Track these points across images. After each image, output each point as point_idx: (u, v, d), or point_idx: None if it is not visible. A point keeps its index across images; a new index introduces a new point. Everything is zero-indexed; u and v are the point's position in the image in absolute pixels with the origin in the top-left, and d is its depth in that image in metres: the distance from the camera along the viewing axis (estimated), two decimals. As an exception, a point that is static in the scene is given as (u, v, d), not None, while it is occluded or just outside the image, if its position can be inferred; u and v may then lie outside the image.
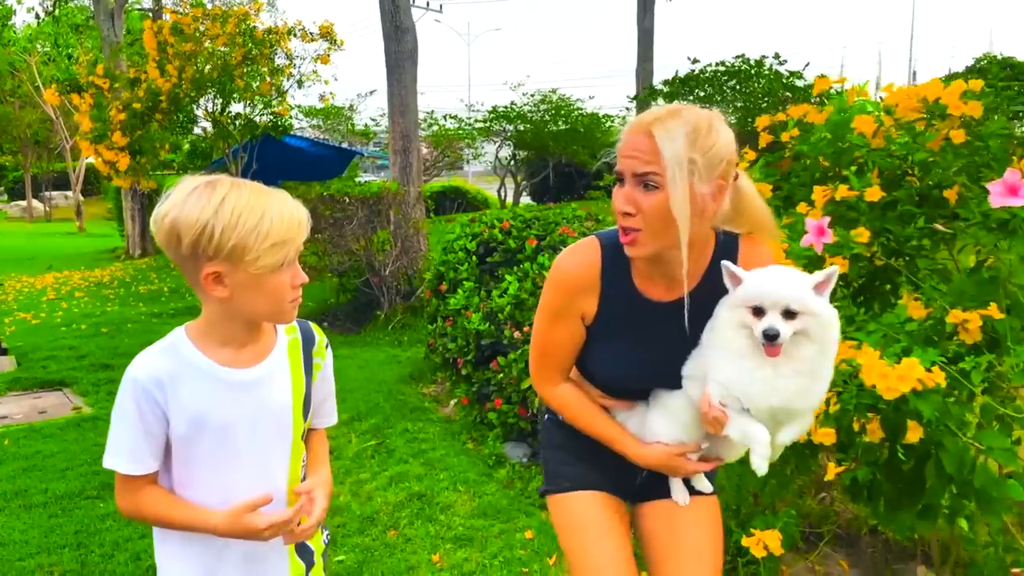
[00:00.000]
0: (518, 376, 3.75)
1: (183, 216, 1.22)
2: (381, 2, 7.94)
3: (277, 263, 1.26)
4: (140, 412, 1.28)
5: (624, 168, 1.39)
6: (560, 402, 1.64)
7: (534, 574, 2.81)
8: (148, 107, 10.19)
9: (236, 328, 1.33)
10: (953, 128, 2.00)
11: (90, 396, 5.29)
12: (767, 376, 1.35)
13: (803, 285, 1.32)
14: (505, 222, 4.91)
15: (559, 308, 1.55)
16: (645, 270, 1.51)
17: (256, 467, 1.38)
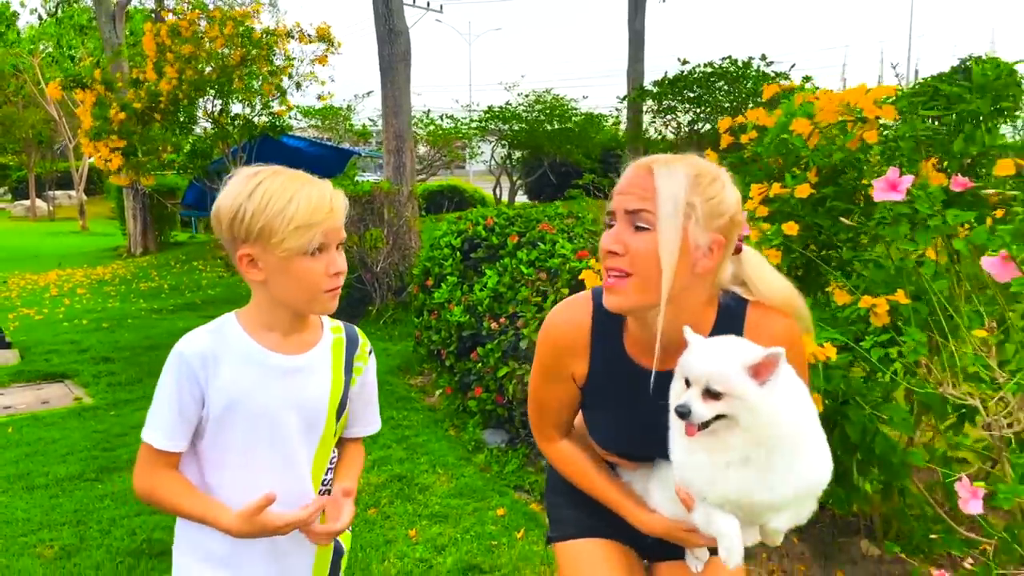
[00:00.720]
0: (495, 365, 3.95)
1: (223, 202, 1.28)
2: (375, 6, 8.13)
3: (301, 247, 1.26)
4: (179, 389, 1.30)
5: (616, 206, 1.26)
6: (558, 460, 1.54)
7: (502, 546, 3.00)
8: (148, 107, 10.40)
9: (280, 314, 1.35)
10: (871, 131, 2.19)
11: (90, 387, 5.49)
12: (702, 464, 1.22)
13: (732, 364, 1.16)
14: (489, 219, 5.09)
15: (549, 367, 1.46)
16: (636, 333, 1.38)
17: (283, 456, 1.37)
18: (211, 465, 1.36)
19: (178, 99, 10.49)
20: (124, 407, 5.00)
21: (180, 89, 10.29)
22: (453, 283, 4.70)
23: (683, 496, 1.28)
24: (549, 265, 4.00)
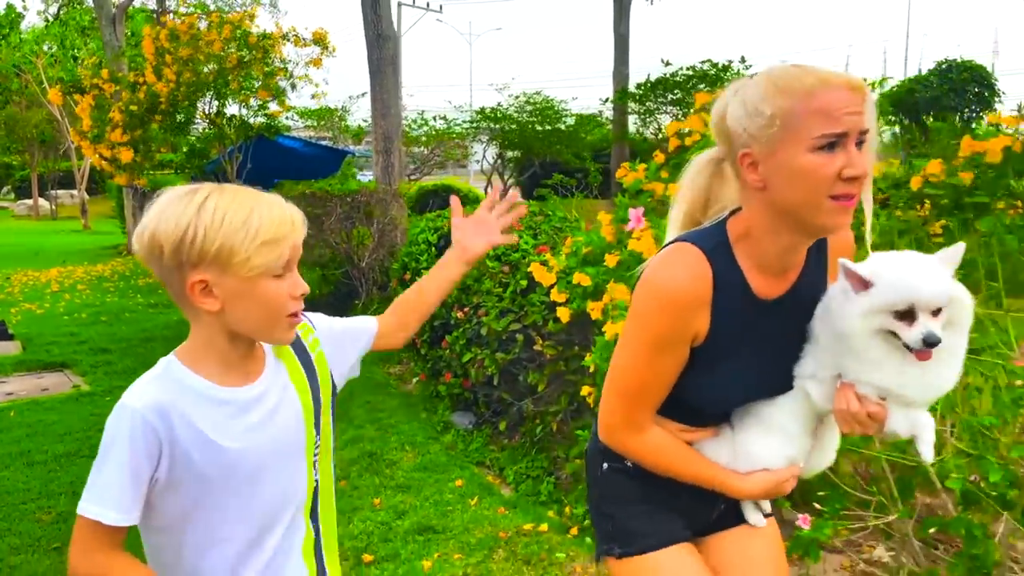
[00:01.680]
0: (460, 352, 4.26)
1: (163, 224, 1.12)
2: (364, 13, 8.45)
3: (270, 264, 1.14)
4: (133, 449, 1.12)
5: (851, 126, 1.18)
6: (654, 452, 1.42)
7: (456, 511, 3.32)
8: (147, 109, 10.72)
9: (231, 345, 1.20)
10: None
11: (88, 375, 5.81)
12: (915, 376, 1.23)
13: (945, 275, 1.19)
14: (464, 217, 5.41)
15: (668, 335, 1.33)
16: (760, 266, 1.33)
17: (272, 490, 1.25)
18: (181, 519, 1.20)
19: (176, 100, 10.83)
20: (119, 392, 5.20)
21: (178, 91, 10.62)
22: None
23: (872, 409, 1.25)
24: (511, 259, 4.31)
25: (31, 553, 3.08)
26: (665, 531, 1.46)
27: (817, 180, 1.18)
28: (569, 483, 3.43)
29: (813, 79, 1.19)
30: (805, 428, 1.39)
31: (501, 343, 3.93)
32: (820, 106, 1.17)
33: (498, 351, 3.92)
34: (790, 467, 1.39)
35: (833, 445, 1.45)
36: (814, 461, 1.44)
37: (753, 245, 1.30)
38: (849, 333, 1.23)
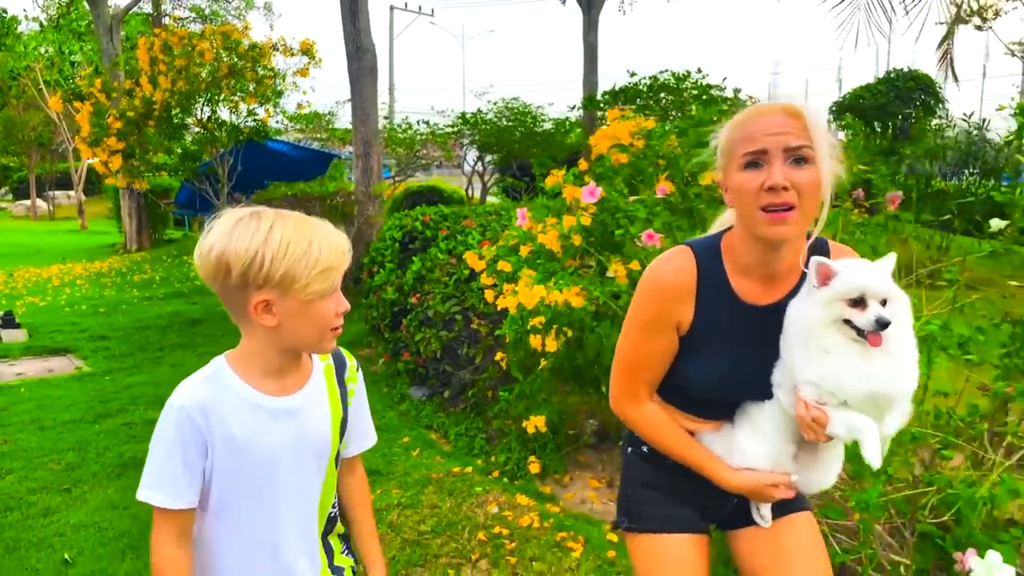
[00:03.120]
0: (413, 332, 4.92)
1: (231, 247, 1.23)
2: (344, 26, 9.09)
3: (327, 289, 1.27)
4: (182, 441, 1.26)
5: (773, 144, 1.34)
6: (647, 423, 1.56)
7: (400, 460, 3.97)
8: (142, 115, 11.35)
9: (280, 357, 1.33)
10: (621, 154, 3.16)
11: (89, 359, 6.46)
12: (856, 365, 1.33)
13: (887, 273, 1.34)
14: (427, 216, 6.06)
15: (655, 319, 1.49)
16: (743, 271, 1.47)
17: (297, 495, 1.37)
18: (213, 517, 1.33)
19: (170, 107, 11.46)
20: (117, 373, 5.97)
21: (172, 98, 11.26)
22: (390, 268, 5.66)
23: (815, 414, 1.35)
24: (458, 251, 4.97)
25: (45, 494, 3.73)
26: (669, 517, 1.59)
27: (744, 194, 1.36)
28: (496, 437, 4.09)
29: (751, 110, 1.42)
30: (782, 432, 1.47)
31: (445, 323, 4.59)
32: (745, 132, 1.37)
33: (442, 330, 4.59)
34: (775, 474, 1.48)
35: (833, 466, 1.52)
36: (814, 479, 1.50)
37: (735, 253, 1.46)
38: (809, 325, 1.36)
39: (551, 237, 3.36)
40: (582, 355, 2.83)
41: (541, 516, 3.26)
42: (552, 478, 3.72)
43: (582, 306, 2.80)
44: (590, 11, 12.37)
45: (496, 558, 2.95)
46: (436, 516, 3.31)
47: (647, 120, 3.34)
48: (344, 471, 1.52)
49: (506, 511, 3.33)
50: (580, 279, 2.87)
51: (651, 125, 3.25)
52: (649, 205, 2.82)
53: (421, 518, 3.30)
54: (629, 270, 2.90)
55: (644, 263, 2.82)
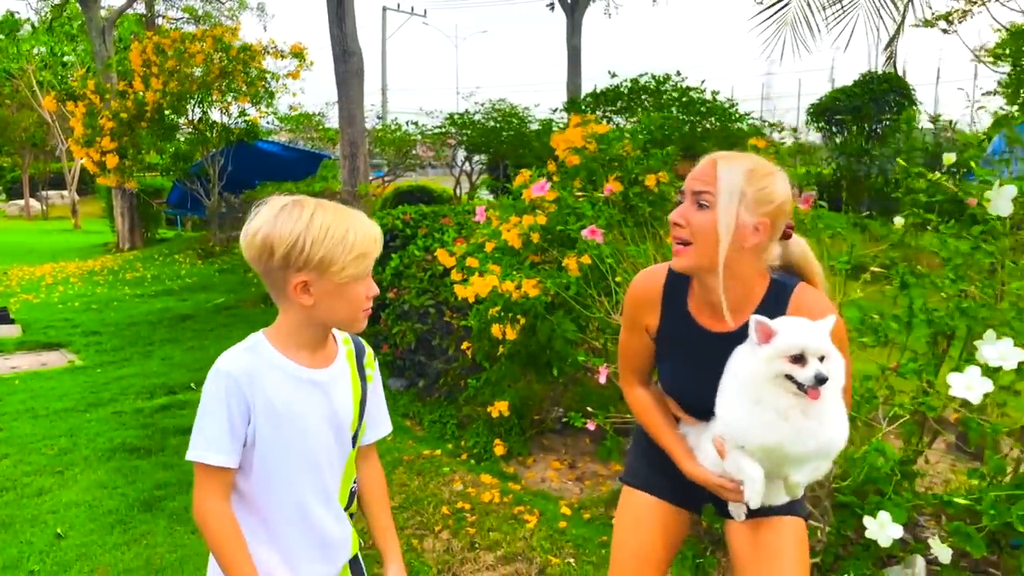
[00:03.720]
0: (391, 325, 5.16)
1: (276, 231, 1.33)
2: (331, 30, 9.31)
3: (361, 273, 1.37)
4: (228, 405, 1.35)
5: (686, 187, 1.55)
6: (632, 404, 1.79)
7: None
8: (134, 116, 11.58)
9: (313, 333, 1.43)
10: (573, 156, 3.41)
11: (82, 353, 6.69)
12: (770, 421, 1.43)
13: (826, 334, 1.43)
14: (407, 215, 6.30)
15: (628, 319, 1.74)
16: (698, 295, 1.63)
17: (326, 464, 1.47)
18: (259, 480, 1.42)
19: (162, 108, 11.68)
20: (108, 366, 6.20)
21: (165, 99, 11.48)
22: (370, 265, 5.90)
23: (718, 445, 1.53)
24: (434, 248, 5.21)
25: (39, 476, 3.96)
26: (649, 480, 1.80)
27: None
28: (467, 423, 4.33)
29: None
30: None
31: (420, 316, 4.84)
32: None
33: (417, 323, 4.83)
34: (723, 479, 1.58)
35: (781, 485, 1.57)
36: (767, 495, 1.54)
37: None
38: (752, 377, 1.46)
39: (513, 234, 3.60)
40: (535, 341, 3.08)
41: (501, 493, 3.50)
42: (516, 460, 3.96)
43: (535, 296, 3.05)
44: (573, 14, 12.63)
45: (457, 529, 3.20)
46: (404, 493, 3.55)
47: (600, 125, 3.58)
48: (361, 460, 1.61)
49: (470, 488, 3.57)
50: (537, 272, 3.12)
51: (603, 130, 3.49)
52: (595, 203, 3.07)
53: (391, 495, 3.53)
54: (580, 264, 3.15)
55: (594, 258, 3.08)
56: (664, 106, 10.85)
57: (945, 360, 2.70)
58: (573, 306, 3.10)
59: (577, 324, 3.13)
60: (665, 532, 1.77)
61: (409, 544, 3.09)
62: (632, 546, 1.77)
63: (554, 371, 3.21)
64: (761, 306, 1.58)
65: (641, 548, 1.76)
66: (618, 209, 3.18)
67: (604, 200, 3.14)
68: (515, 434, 4.00)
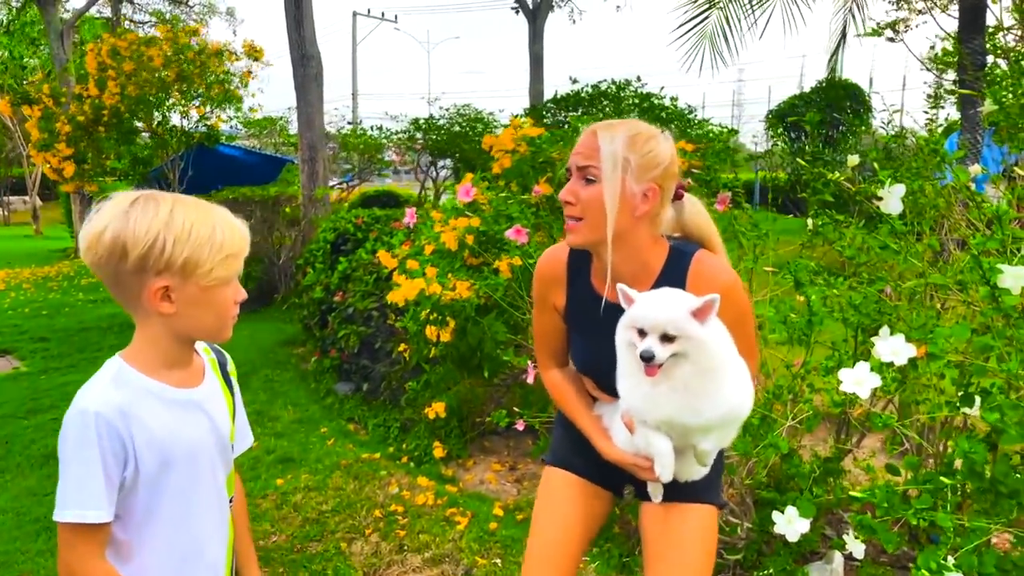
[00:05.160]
0: (337, 329, 5.14)
1: (129, 229, 1.17)
2: (288, 34, 9.28)
3: (229, 276, 1.24)
4: (102, 451, 1.16)
5: (570, 163, 1.52)
6: (549, 386, 1.78)
7: (315, 448, 4.19)
8: (92, 120, 11.41)
9: (179, 347, 1.28)
10: (506, 157, 3.42)
11: (27, 360, 6.56)
12: (646, 393, 1.43)
13: (680, 310, 1.36)
14: (359, 219, 6.28)
15: (537, 298, 1.73)
16: (598, 269, 1.60)
17: (215, 491, 1.35)
18: (134, 524, 1.25)
19: (120, 112, 11.52)
20: (53, 373, 6.09)
21: (122, 103, 11.32)
22: (320, 269, 5.87)
23: (627, 421, 1.51)
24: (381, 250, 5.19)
25: (-31, 484, 3.89)
26: (566, 457, 1.78)
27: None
28: (410, 426, 4.32)
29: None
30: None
31: (364, 320, 4.82)
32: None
33: (361, 326, 4.81)
34: (638, 458, 1.56)
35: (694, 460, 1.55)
36: (682, 470, 1.54)
37: None
38: (619, 348, 1.48)
39: (451, 237, 3.61)
40: (465, 344, 3.08)
41: (436, 495, 3.50)
42: (456, 462, 3.96)
43: (466, 298, 3.05)
44: (535, 21, 12.69)
45: (387, 532, 3.19)
46: (339, 497, 3.53)
47: (534, 128, 3.60)
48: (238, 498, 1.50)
49: (405, 492, 3.56)
50: (472, 274, 3.13)
51: (534, 133, 3.51)
52: (525, 206, 3.09)
53: (324, 499, 3.52)
54: (511, 265, 3.17)
55: (524, 259, 3.09)
56: (624, 111, 10.95)
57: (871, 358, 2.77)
58: (504, 308, 3.11)
59: (508, 326, 3.14)
60: (583, 509, 1.74)
61: (337, 547, 3.08)
62: (548, 520, 1.74)
63: (485, 373, 3.21)
64: (660, 277, 1.54)
65: (557, 523, 1.73)
66: (547, 211, 3.19)
67: (535, 203, 3.16)
68: (455, 436, 4.00)
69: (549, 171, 3.36)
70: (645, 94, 10.93)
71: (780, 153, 11.53)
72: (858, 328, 2.63)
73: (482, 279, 3.18)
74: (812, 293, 2.18)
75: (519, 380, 4.16)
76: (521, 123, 3.98)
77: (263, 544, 3.13)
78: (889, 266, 2.68)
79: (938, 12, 8.49)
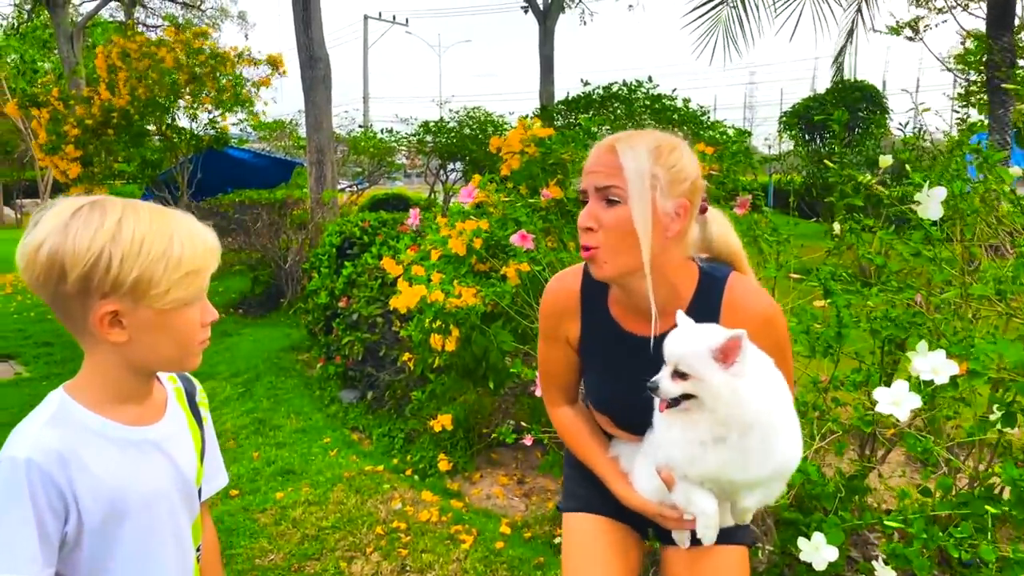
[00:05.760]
0: (341, 335, 5.01)
1: (68, 244, 1.00)
2: (297, 36, 9.19)
3: (190, 296, 1.07)
4: (35, 505, 1.00)
5: (587, 184, 1.34)
6: (558, 426, 1.62)
7: (317, 459, 4.06)
8: (101, 122, 11.37)
9: (134, 380, 1.12)
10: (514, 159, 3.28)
11: (31, 365, 6.48)
12: (678, 440, 1.29)
13: (697, 346, 1.22)
14: (366, 223, 6.16)
15: (546, 330, 1.56)
16: (620, 299, 1.45)
17: (176, 543, 1.17)
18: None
19: (130, 114, 11.48)
20: (55, 378, 5.99)
21: (132, 105, 11.28)
22: (325, 274, 5.75)
23: (664, 476, 1.34)
24: (386, 255, 5.07)
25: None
26: (589, 500, 1.61)
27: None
28: (415, 437, 4.18)
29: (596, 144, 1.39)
30: None
31: (369, 326, 4.69)
32: (584, 167, 1.38)
33: (366, 333, 4.68)
34: (663, 507, 1.42)
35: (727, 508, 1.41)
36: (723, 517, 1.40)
37: None
38: None
39: (458, 241, 3.47)
40: (470, 353, 2.95)
41: (441, 511, 3.35)
42: (462, 475, 3.82)
43: (470, 305, 2.91)
44: (545, 22, 12.56)
45: (389, 550, 3.05)
46: (339, 512, 3.39)
47: (543, 129, 3.46)
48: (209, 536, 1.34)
49: (408, 507, 3.42)
50: (480, 280, 2.99)
51: (543, 134, 3.38)
52: (534, 209, 2.95)
53: (324, 514, 3.38)
54: (518, 271, 3.02)
55: (532, 265, 2.95)
56: (635, 113, 10.79)
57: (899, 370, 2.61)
58: (512, 316, 2.97)
59: (516, 334, 3.00)
60: (619, 553, 1.57)
61: (337, 567, 2.94)
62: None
63: (490, 384, 3.07)
64: (692, 304, 1.39)
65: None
66: (557, 215, 3.05)
67: (544, 206, 3.02)
68: (461, 449, 3.86)
69: (559, 173, 3.22)
70: (657, 96, 10.77)
71: (800, 155, 11.34)
72: (886, 340, 2.48)
73: (489, 286, 3.04)
74: (842, 302, 2.03)
75: (527, 391, 4.02)
76: (529, 124, 3.84)
77: (259, 563, 2.99)
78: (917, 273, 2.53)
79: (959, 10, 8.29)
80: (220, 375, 5.76)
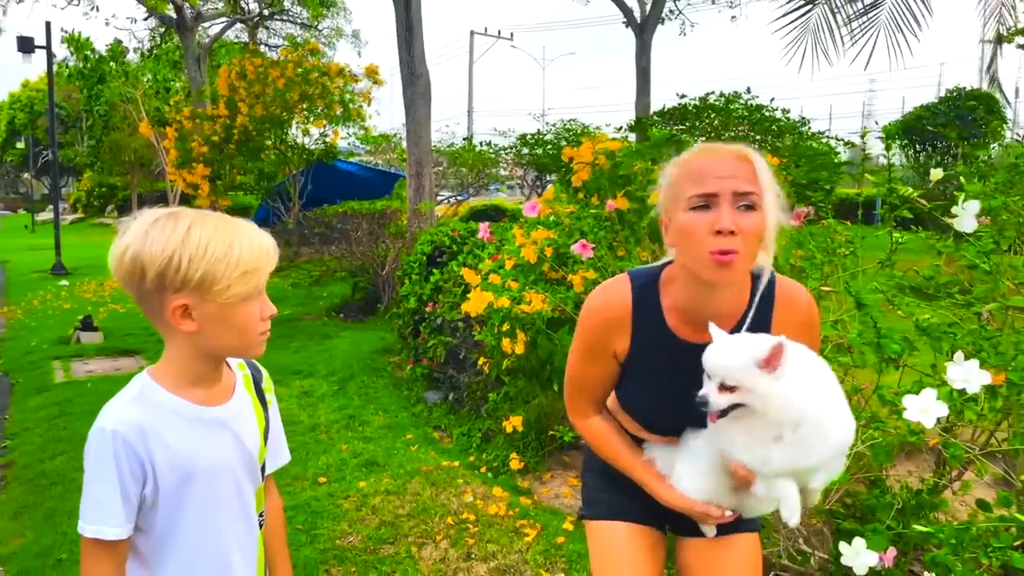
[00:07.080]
0: (427, 338, 5.27)
1: (147, 248, 1.19)
2: (400, 54, 9.63)
3: (247, 292, 1.23)
4: (119, 469, 1.19)
5: (721, 188, 1.34)
6: (590, 435, 1.63)
7: (399, 454, 4.31)
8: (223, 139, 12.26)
9: (205, 365, 1.29)
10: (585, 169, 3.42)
11: (153, 360, 7.08)
12: (746, 445, 1.35)
13: (742, 359, 1.29)
14: (456, 232, 6.43)
15: (591, 346, 1.54)
16: (679, 308, 1.48)
17: (239, 508, 1.35)
18: (154, 538, 1.28)
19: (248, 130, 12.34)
20: (173, 372, 6.56)
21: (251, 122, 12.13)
22: (415, 280, 6.05)
23: (744, 473, 1.38)
24: (473, 264, 5.30)
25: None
26: (614, 505, 1.65)
27: (692, 236, 1.35)
28: (491, 436, 4.38)
29: (697, 150, 1.41)
30: (718, 466, 1.45)
31: (451, 330, 4.93)
32: (691, 170, 1.37)
33: (448, 336, 4.92)
34: (709, 505, 1.48)
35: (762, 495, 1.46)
36: (754, 506, 1.49)
37: (673, 289, 1.48)
38: None
39: (530, 250, 3.65)
40: (535, 356, 3.11)
41: (508, 506, 3.53)
42: (533, 475, 3.98)
43: (536, 310, 3.08)
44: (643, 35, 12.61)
45: (457, 539, 3.24)
46: (415, 502, 3.62)
47: (613, 141, 3.59)
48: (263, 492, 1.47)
49: (479, 501, 3.61)
50: (552, 287, 3.16)
51: (614, 146, 3.50)
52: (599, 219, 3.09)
53: (401, 503, 3.62)
54: (584, 278, 3.17)
55: (596, 272, 3.09)
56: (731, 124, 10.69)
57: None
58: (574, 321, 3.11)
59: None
60: (648, 556, 1.62)
61: (408, 551, 3.16)
62: None
63: (554, 386, 3.22)
64: (751, 304, 1.46)
65: None
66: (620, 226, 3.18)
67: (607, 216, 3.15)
68: (532, 449, 4.01)
69: (628, 185, 3.34)
70: (756, 106, 10.64)
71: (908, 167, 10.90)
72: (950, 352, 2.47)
73: (553, 292, 3.19)
74: (876, 314, 2.06)
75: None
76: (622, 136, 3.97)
77: (340, 543, 3.25)
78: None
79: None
80: (318, 374, 6.15)
